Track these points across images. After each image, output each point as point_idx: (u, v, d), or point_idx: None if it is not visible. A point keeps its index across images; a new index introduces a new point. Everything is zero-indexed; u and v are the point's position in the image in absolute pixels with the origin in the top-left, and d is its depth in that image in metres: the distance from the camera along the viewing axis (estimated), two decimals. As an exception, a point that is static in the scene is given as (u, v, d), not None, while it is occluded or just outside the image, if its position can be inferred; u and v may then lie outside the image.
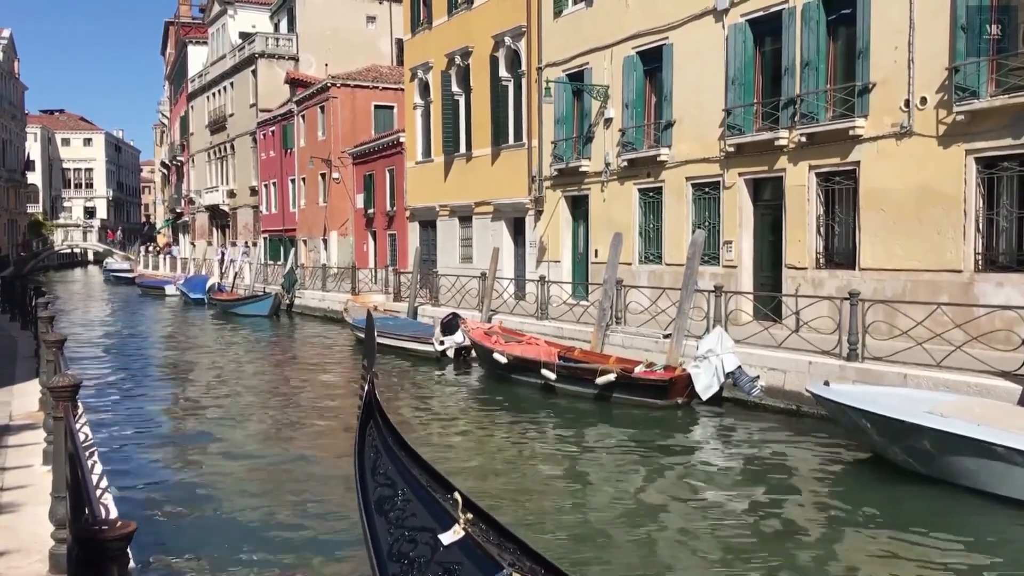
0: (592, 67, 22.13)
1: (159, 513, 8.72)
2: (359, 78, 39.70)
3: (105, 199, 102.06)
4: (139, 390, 16.77)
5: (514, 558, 4.32)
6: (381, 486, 5.01)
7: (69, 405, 5.04)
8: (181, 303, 40.49)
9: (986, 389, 10.37)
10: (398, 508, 4.82)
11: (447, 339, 19.25)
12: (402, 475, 5.04)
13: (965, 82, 13.65)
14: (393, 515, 4.79)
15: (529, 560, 4.33)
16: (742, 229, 18.06)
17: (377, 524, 4.77)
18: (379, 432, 5.41)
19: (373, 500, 4.94)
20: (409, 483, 4.96)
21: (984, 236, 13.85)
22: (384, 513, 4.82)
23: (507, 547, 4.43)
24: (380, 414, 5.50)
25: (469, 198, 27.63)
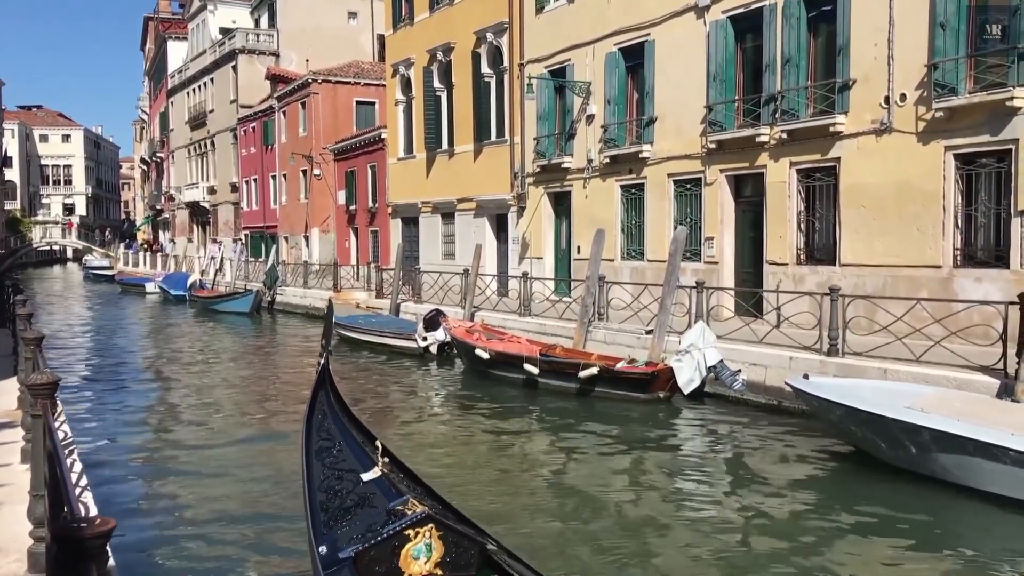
0: (574, 63, 22.15)
1: (139, 510, 8.67)
2: (340, 74, 39.54)
3: (84, 196, 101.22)
4: (119, 388, 16.65)
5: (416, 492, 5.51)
6: (323, 440, 6.10)
7: (48, 403, 5.00)
8: (161, 301, 40.22)
9: (965, 383, 10.47)
10: (333, 456, 5.95)
11: (430, 335, 19.23)
12: (341, 432, 6.21)
13: (944, 79, 13.77)
14: (328, 460, 5.89)
15: (429, 497, 5.51)
16: (724, 225, 18.13)
17: (314, 467, 5.81)
18: (327, 399, 6.52)
19: (314, 450, 5.99)
20: (345, 438, 6.15)
21: (963, 232, 13.97)
22: (321, 459, 5.89)
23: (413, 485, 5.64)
24: (331, 384, 6.62)
25: (452, 195, 27.60)
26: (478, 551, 5.05)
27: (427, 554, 4.87)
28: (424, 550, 4.87)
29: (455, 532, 5.01)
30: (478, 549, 5.06)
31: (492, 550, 5.11)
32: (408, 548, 4.85)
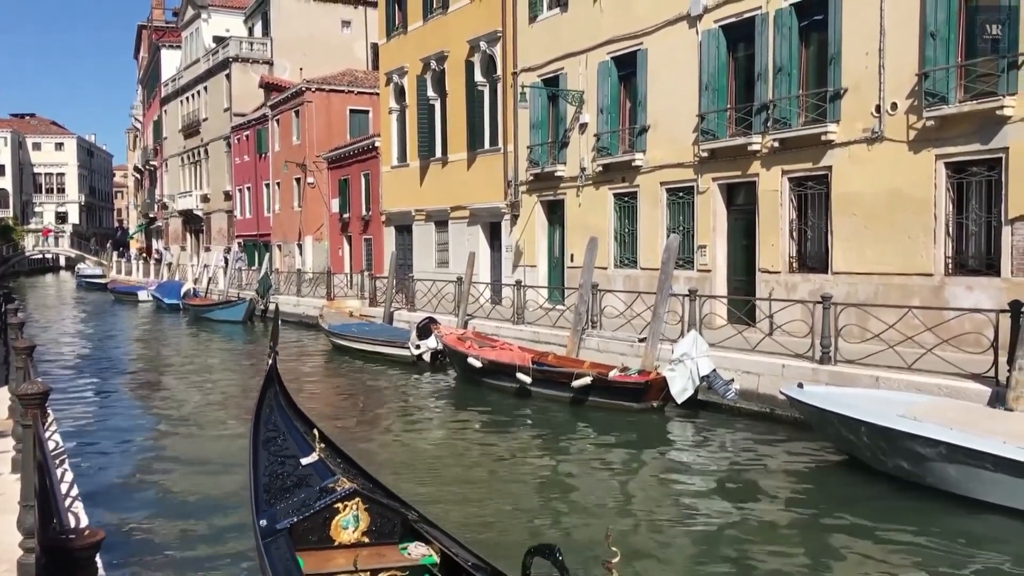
0: (567, 72, 22.20)
1: (131, 521, 8.63)
2: (334, 82, 39.56)
3: (77, 204, 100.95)
4: (111, 398, 16.60)
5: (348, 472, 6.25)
6: (269, 432, 6.69)
7: (38, 412, 4.98)
8: (154, 309, 40.11)
9: (956, 391, 10.50)
10: (277, 445, 6.56)
11: (423, 343, 19.22)
12: (285, 424, 6.84)
13: (935, 88, 13.84)
14: (273, 449, 6.50)
15: (360, 476, 6.25)
16: (716, 234, 18.17)
17: (260, 455, 6.40)
18: (275, 395, 7.12)
19: (261, 441, 6.57)
20: (289, 430, 6.78)
21: (954, 240, 14.03)
22: (267, 448, 6.49)
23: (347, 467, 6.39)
24: (278, 382, 7.23)
25: (445, 203, 27.61)
26: (400, 521, 5.75)
27: (355, 524, 5.61)
28: (352, 521, 5.61)
29: (380, 505, 5.73)
30: (400, 519, 5.76)
31: (413, 519, 5.78)
32: (338, 519, 5.57)
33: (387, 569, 5.44)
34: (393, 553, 5.58)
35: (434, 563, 5.46)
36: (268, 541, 5.40)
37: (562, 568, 3.88)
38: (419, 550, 5.59)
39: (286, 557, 5.21)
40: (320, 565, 5.14)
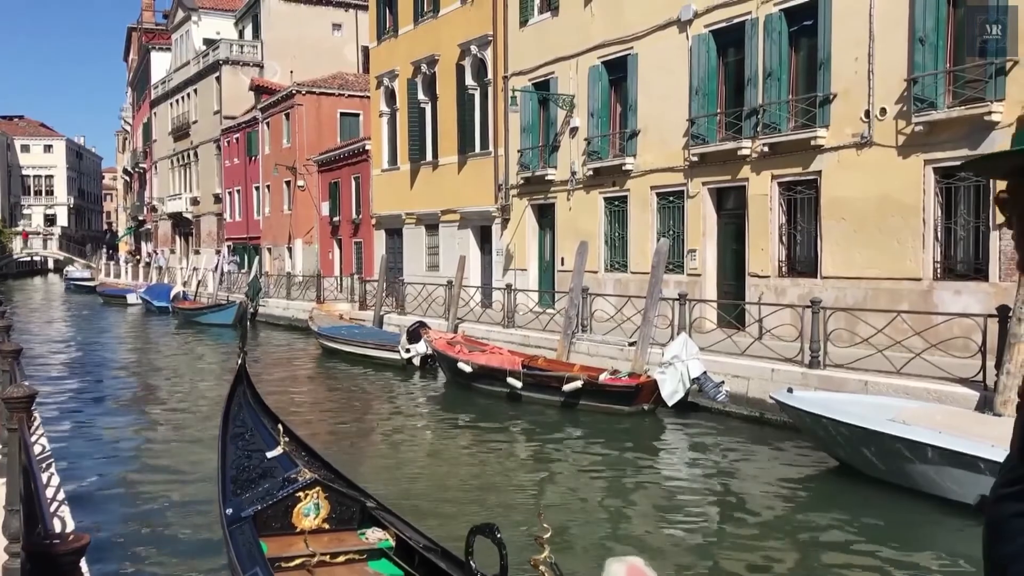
0: (558, 76, 22.23)
1: (118, 525, 8.57)
2: (324, 85, 39.51)
3: (66, 206, 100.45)
4: (99, 401, 16.50)
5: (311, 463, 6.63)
6: (237, 427, 7.03)
7: (24, 416, 4.95)
8: (144, 312, 39.93)
9: (945, 395, 10.53)
10: (245, 440, 6.89)
11: (412, 347, 19.17)
12: (253, 420, 7.17)
13: (923, 93, 13.90)
14: (241, 444, 6.83)
15: (323, 468, 6.67)
16: (706, 238, 18.21)
17: (229, 450, 6.72)
18: (243, 393, 7.45)
19: (230, 436, 6.88)
20: (257, 426, 7.11)
21: (942, 245, 14.09)
22: (235, 443, 6.82)
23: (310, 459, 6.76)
24: (247, 381, 7.56)
25: (435, 206, 27.59)
26: (359, 508, 6.11)
27: (315, 511, 5.95)
28: (313, 508, 5.95)
29: (339, 493, 6.11)
30: (359, 507, 6.12)
31: (371, 507, 6.15)
32: (299, 507, 5.91)
33: (346, 553, 5.78)
34: (351, 538, 5.93)
35: (390, 546, 5.82)
36: (233, 528, 5.74)
37: (500, 544, 4.24)
38: (376, 535, 5.93)
39: (250, 542, 5.53)
40: (282, 549, 5.45)
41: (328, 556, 5.69)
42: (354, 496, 6.21)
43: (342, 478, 6.56)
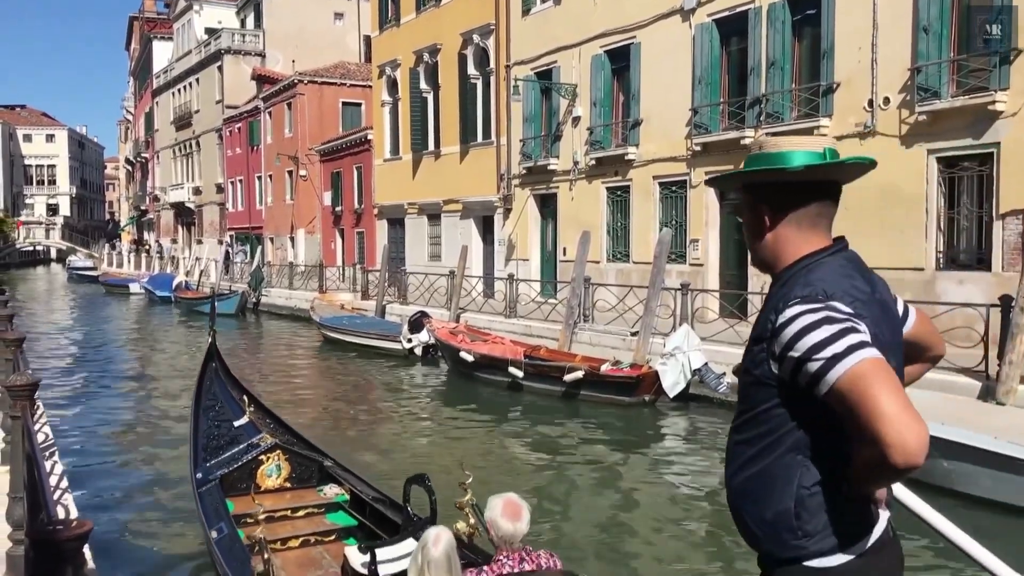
0: (560, 65, 22.17)
1: (121, 509, 8.62)
2: (327, 75, 39.44)
3: (68, 196, 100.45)
4: (102, 389, 16.54)
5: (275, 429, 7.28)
6: (208, 400, 7.59)
7: (27, 404, 4.96)
8: (146, 302, 39.98)
9: (947, 385, 10.53)
10: (216, 411, 7.46)
11: (414, 337, 19.19)
12: (223, 394, 7.76)
13: (927, 83, 13.86)
14: (211, 415, 7.39)
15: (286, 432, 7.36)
16: (708, 228, 18.19)
17: (200, 421, 7.27)
18: (215, 369, 8.03)
19: (202, 408, 7.44)
20: (226, 399, 7.70)
21: (945, 235, 14.07)
22: (207, 415, 7.38)
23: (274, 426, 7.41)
24: (218, 357, 8.15)
25: (438, 196, 27.57)
26: (318, 468, 6.78)
27: (278, 472, 6.63)
28: (275, 469, 6.62)
29: (298, 455, 6.80)
30: (318, 466, 6.79)
31: (328, 466, 6.80)
32: (262, 469, 6.57)
33: (305, 507, 6.36)
34: (311, 494, 6.58)
35: (345, 500, 6.42)
36: (202, 490, 6.29)
37: (430, 491, 5.05)
38: (333, 490, 6.55)
39: (216, 502, 6.09)
40: (247, 507, 5.78)
41: (289, 511, 6.28)
42: (312, 457, 6.87)
43: (303, 441, 7.25)
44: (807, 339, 1.92)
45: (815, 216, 2.20)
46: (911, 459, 1.77)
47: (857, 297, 2.04)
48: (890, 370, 1.86)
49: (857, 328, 1.93)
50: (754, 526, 2.13)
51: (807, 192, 2.17)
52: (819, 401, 1.92)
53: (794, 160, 2.11)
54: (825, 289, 2.01)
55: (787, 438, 2.03)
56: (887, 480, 1.98)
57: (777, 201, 2.17)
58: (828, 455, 2.00)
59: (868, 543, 2.07)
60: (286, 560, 5.74)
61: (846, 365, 1.85)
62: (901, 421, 1.77)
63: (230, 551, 5.44)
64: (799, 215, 2.17)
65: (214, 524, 5.80)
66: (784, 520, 2.03)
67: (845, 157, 2.16)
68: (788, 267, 2.16)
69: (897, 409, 1.78)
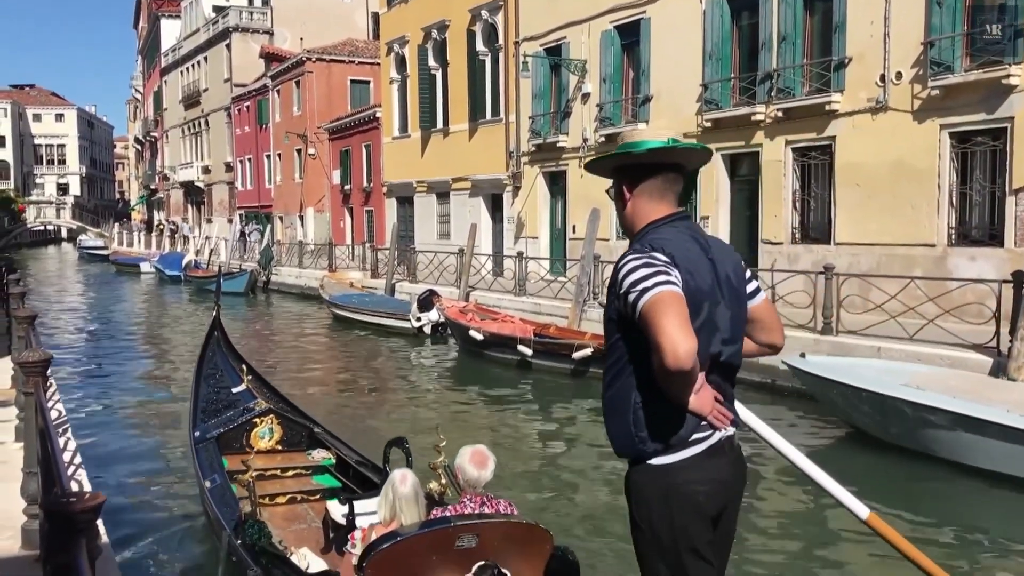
0: (570, 41, 22.02)
1: (133, 485, 8.69)
2: (335, 52, 39.30)
3: (78, 176, 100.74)
4: (116, 367, 16.65)
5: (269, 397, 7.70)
6: (210, 369, 8.09)
7: (40, 380, 4.99)
8: (157, 280, 40.14)
9: (958, 361, 10.50)
10: (216, 379, 7.96)
11: (423, 315, 19.21)
12: (223, 364, 8.25)
13: (940, 57, 13.72)
14: (212, 383, 7.88)
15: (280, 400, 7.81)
16: (719, 204, 18.11)
17: (201, 387, 7.76)
18: (217, 340, 8.53)
19: (203, 376, 7.93)
20: (226, 367, 8.18)
21: (957, 210, 13.98)
22: (208, 382, 7.87)
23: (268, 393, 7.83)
24: (220, 329, 8.64)
25: (446, 174, 27.51)
26: (307, 433, 7.16)
27: (270, 435, 7.01)
28: (268, 432, 7.00)
29: (289, 420, 7.18)
30: (307, 432, 7.16)
31: (318, 432, 7.17)
32: (256, 431, 6.95)
33: (294, 468, 6.82)
34: (300, 457, 7.00)
35: (331, 463, 6.85)
36: (199, 447, 6.74)
37: (407, 452, 5.49)
38: (320, 454, 6.96)
39: (212, 457, 6.55)
40: (240, 465, 6.09)
41: (279, 471, 6.72)
42: (303, 422, 7.28)
43: (295, 409, 7.71)
44: (629, 278, 2.56)
45: (662, 189, 2.81)
46: (680, 363, 2.38)
47: (676, 252, 2.62)
48: (680, 302, 2.48)
49: (667, 272, 2.54)
50: (612, 435, 2.75)
51: (654, 169, 2.79)
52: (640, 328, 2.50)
53: (643, 146, 2.78)
54: (651, 244, 2.64)
55: (629, 363, 2.65)
56: (670, 381, 2.50)
57: (632, 177, 2.83)
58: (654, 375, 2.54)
59: (700, 448, 2.67)
60: (273, 514, 6.17)
61: (649, 295, 2.48)
62: (675, 336, 2.38)
63: (222, 498, 5.90)
64: (649, 187, 2.80)
65: (208, 475, 6.27)
66: (627, 428, 2.66)
67: (678, 143, 2.77)
68: (640, 231, 2.78)
69: (673, 327, 2.39)
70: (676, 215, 2.79)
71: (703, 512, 2.68)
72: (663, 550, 2.68)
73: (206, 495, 6.12)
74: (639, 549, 2.78)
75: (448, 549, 4.05)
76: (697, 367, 2.47)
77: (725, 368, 2.78)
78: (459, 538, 4.05)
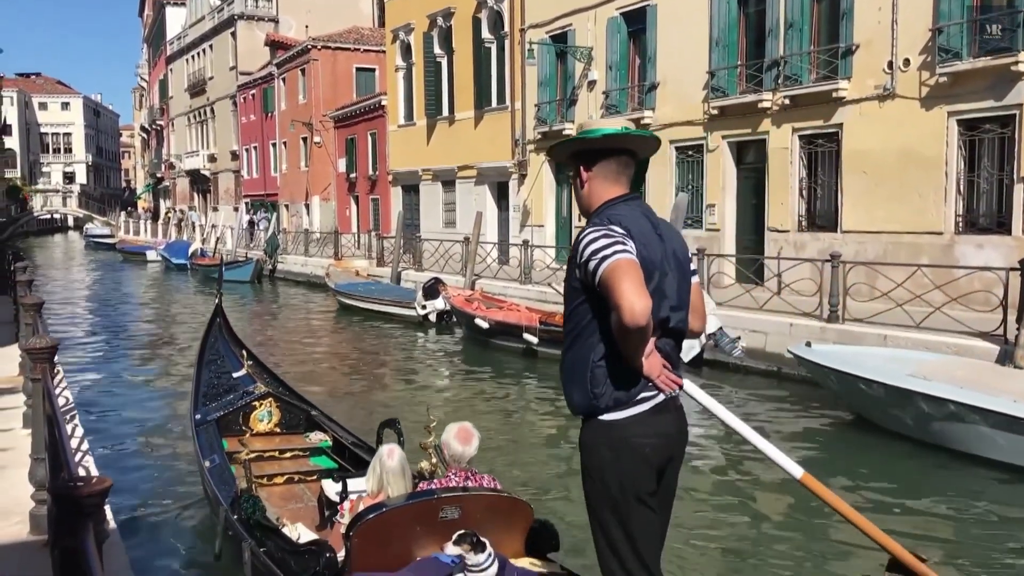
0: (576, 28, 21.95)
1: (140, 471, 8.72)
2: (340, 40, 39.20)
3: (84, 164, 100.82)
4: (121, 354, 16.70)
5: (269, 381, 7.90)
6: (211, 355, 8.29)
7: (47, 367, 5.02)
8: (163, 269, 40.21)
9: (965, 349, 10.48)
10: (217, 365, 8.16)
11: (429, 303, 19.22)
12: (225, 350, 8.45)
13: (948, 43, 13.64)
14: (213, 368, 8.10)
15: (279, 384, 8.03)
16: (725, 192, 18.07)
17: (203, 372, 7.96)
18: (219, 327, 8.73)
19: (205, 362, 8.12)
20: (227, 354, 8.37)
21: (965, 198, 13.93)
22: (209, 367, 8.09)
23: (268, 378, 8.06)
24: (223, 317, 8.82)
25: (452, 162, 27.48)
26: (305, 416, 7.38)
27: (269, 418, 7.25)
28: (266, 415, 7.23)
29: (287, 403, 7.42)
30: (305, 415, 7.40)
31: (315, 415, 7.40)
32: (255, 414, 7.19)
33: (292, 450, 6.97)
34: (297, 439, 7.19)
35: (328, 445, 7.01)
36: (200, 429, 6.92)
37: (399, 433, 5.64)
38: (317, 436, 7.14)
39: (212, 438, 6.74)
40: (239, 446, 6.27)
41: (277, 452, 6.90)
42: (300, 406, 7.51)
43: (293, 393, 7.94)
44: (589, 248, 2.86)
45: (616, 172, 3.09)
46: (636, 320, 2.70)
47: (631, 226, 2.92)
48: (636, 268, 2.80)
49: (623, 243, 2.84)
50: (569, 393, 3.06)
51: (608, 154, 3.07)
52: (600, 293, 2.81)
53: (599, 132, 3.07)
54: (609, 218, 2.95)
55: (587, 328, 2.95)
56: (627, 338, 2.80)
57: (589, 160, 3.10)
58: (611, 338, 2.87)
59: (647, 406, 2.98)
60: (271, 493, 6.32)
61: (608, 261, 2.78)
62: (632, 296, 2.70)
63: (220, 477, 6.12)
64: (604, 170, 3.08)
65: (208, 456, 6.48)
66: (584, 387, 2.97)
67: (630, 131, 3.07)
68: (597, 209, 3.07)
69: (631, 289, 2.71)
70: (629, 195, 3.10)
71: (649, 462, 2.99)
72: (611, 498, 2.99)
73: (205, 474, 6.32)
74: (589, 500, 3.07)
75: (432, 520, 4.24)
76: (651, 326, 2.80)
77: (674, 333, 3.10)
78: (443, 509, 4.26)
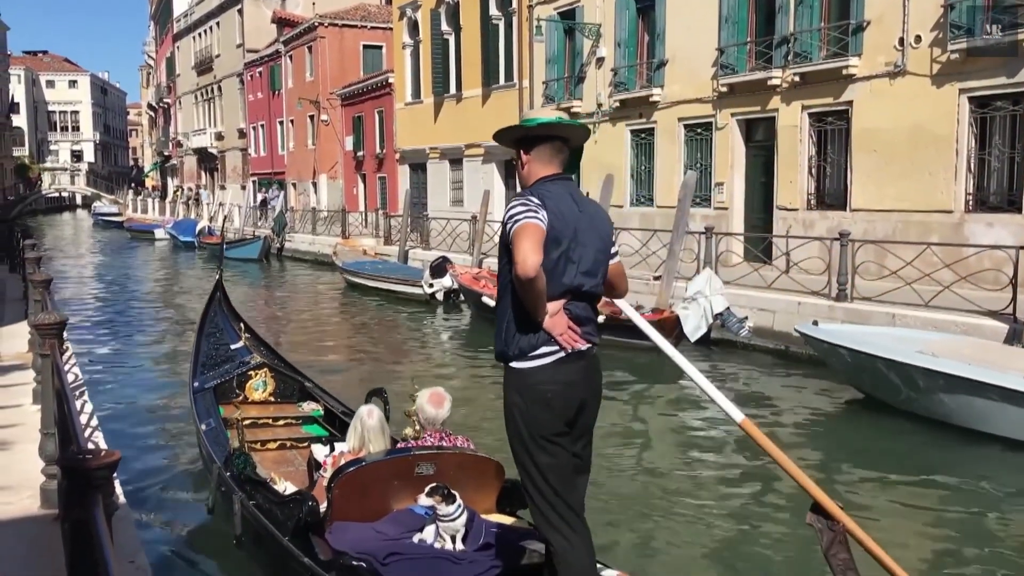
0: (584, 5, 21.79)
1: (148, 446, 8.79)
2: (347, 17, 39.03)
3: (92, 142, 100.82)
4: (128, 329, 16.80)
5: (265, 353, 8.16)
6: (211, 328, 8.61)
7: (55, 342, 5.03)
8: (171, 247, 40.28)
9: (973, 328, 10.44)
10: (216, 337, 8.48)
11: (436, 282, 19.22)
12: (224, 323, 8.80)
13: (960, 19, 13.50)
14: (212, 340, 8.41)
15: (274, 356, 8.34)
16: (734, 170, 17.99)
17: (203, 344, 8.26)
18: (219, 301, 9.10)
19: (204, 334, 8.44)
20: (226, 326, 8.72)
21: (975, 176, 13.84)
22: (208, 339, 8.40)
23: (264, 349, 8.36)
24: (222, 292, 9.21)
25: (459, 140, 27.39)
26: (299, 387, 7.71)
27: (263, 387, 7.55)
28: (261, 384, 7.54)
29: (282, 374, 7.74)
30: (299, 385, 7.73)
31: (308, 386, 7.72)
32: (251, 383, 7.51)
33: (285, 418, 7.23)
34: (291, 408, 7.46)
35: (320, 414, 7.33)
36: (198, 396, 7.22)
37: (385, 401, 5.84)
38: (310, 406, 7.45)
39: (209, 405, 7.08)
40: (235, 413, 6.71)
41: (271, 420, 7.16)
42: (294, 377, 7.82)
43: (288, 364, 8.27)
44: (508, 214, 3.35)
45: (549, 156, 3.57)
46: (526, 272, 3.16)
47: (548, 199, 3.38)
48: (537, 230, 3.25)
49: (536, 211, 3.30)
50: (496, 344, 3.49)
51: (544, 140, 3.55)
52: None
53: (536, 121, 3.57)
54: (531, 192, 3.44)
55: (508, 284, 3.36)
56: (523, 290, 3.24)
57: (528, 145, 3.58)
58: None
59: (549, 359, 3.39)
60: (264, 458, 6.55)
61: (517, 223, 3.27)
62: (526, 252, 3.17)
63: (215, 439, 6.46)
64: (540, 153, 3.56)
65: (204, 420, 6.80)
66: (501, 336, 3.44)
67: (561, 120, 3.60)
68: (531, 185, 3.52)
69: (527, 247, 3.18)
70: (559, 176, 3.56)
71: (550, 407, 3.40)
72: (520, 436, 3.45)
73: (202, 437, 6.64)
74: (508, 435, 3.51)
75: (408, 475, 4.61)
76: (542, 280, 3.21)
77: (588, 297, 3.53)
78: (418, 465, 4.62)
